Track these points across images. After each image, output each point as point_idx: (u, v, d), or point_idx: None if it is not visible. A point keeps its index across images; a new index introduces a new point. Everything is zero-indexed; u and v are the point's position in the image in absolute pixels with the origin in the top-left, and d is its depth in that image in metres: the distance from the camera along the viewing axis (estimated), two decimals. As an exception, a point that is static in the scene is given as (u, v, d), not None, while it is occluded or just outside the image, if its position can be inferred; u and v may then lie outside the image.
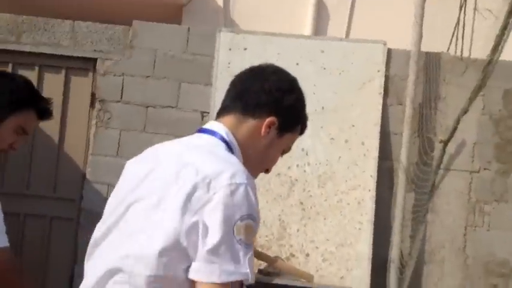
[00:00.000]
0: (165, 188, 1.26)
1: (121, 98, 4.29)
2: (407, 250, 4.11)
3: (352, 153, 4.07)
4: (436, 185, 4.15)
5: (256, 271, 3.70)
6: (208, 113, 4.19)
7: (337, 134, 4.10)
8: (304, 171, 4.05)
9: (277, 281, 3.40)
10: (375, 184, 4.00)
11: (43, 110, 1.93)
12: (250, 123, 1.39)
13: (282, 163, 4.04)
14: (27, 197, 4.23)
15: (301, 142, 4.07)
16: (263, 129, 1.39)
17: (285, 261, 3.80)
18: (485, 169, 4.16)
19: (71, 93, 4.32)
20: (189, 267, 1.22)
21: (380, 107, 4.14)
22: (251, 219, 1.21)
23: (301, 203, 4.02)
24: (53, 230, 4.24)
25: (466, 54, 4.46)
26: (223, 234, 1.18)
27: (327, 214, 3.98)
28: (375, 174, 4.02)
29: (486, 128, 4.20)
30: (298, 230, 3.99)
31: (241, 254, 1.19)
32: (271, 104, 1.40)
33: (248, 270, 1.19)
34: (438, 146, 4.15)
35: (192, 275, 1.20)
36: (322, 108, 4.12)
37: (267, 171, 1.48)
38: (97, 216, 4.65)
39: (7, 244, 1.81)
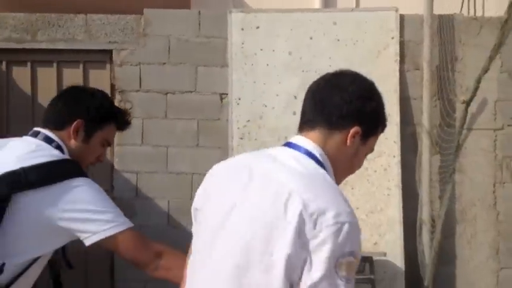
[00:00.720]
0: (273, 218, 1.28)
1: (140, 87, 4.33)
2: (438, 211, 4.14)
3: (373, 121, 4.08)
4: (461, 145, 4.16)
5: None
6: (227, 94, 4.23)
7: (357, 104, 4.11)
8: (328, 143, 4.08)
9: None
10: (400, 150, 4.02)
11: (123, 122, 2.01)
12: (336, 136, 1.42)
13: (304, 137, 4.08)
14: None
15: (322, 115, 4.10)
16: (348, 140, 1.41)
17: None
18: (508, 125, 4.16)
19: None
20: None
21: (397, 74, 4.15)
22: (353, 256, 1.25)
23: (328, 175, 4.05)
24: (88, 221, 4.32)
25: (479, 13, 4.44)
26: (326, 270, 1.22)
27: (354, 183, 4.01)
28: (398, 140, 4.04)
29: (506, 85, 4.20)
30: (326, 202, 4.02)
31: None
32: (353, 114, 1.41)
33: None
34: (460, 107, 4.15)
35: None
36: (340, 79, 4.13)
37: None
38: (128, 204, 4.72)
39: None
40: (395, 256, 3.86)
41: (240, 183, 1.38)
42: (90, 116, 1.92)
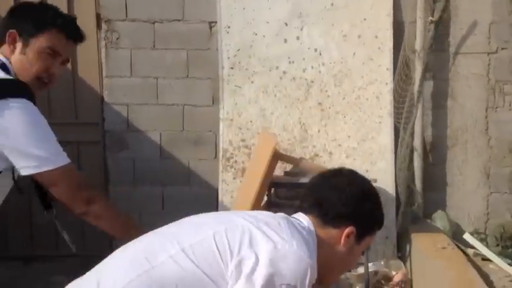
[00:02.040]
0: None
1: (126, 16, 4.20)
2: (429, 138, 4.14)
3: (366, 48, 4.01)
4: (454, 70, 4.11)
5: (283, 174, 3.78)
6: (216, 22, 4.12)
7: (349, 30, 4.02)
8: (320, 71, 4.02)
9: (304, 180, 3.47)
10: (392, 76, 3.97)
11: (67, 28, 1.92)
12: (329, 231, 1.48)
13: (296, 66, 4.01)
14: (51, 125, 4.28)
15: (313, 42, 4.01)
16: (342, 240, 1.48)
17: (310, 161, 3.86)
18: (503, 49, 4.08)
19: (76, 17, 4.24)
20: None
21: (391, -3, 4.02)
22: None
23: (320, 104, 4.02)
24: (81, 154, 4.32)
25: None
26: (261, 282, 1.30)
27: (346, 112, 3.99)
28: (391, 66, 3.98)
29: (501, 7, 4.08)
30: (319, 131, 4.02)
31: None
32: (349, 215, 1.48)
33: None
34: (454, 31, 4.07)
35: None
36: (332, 4, 4.02)
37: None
38: (120, 136, 4.71)
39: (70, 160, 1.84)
40: (387, 183, 3.90)
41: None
42: (25, 24, 1.86)
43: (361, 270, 3.61)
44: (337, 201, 1.48)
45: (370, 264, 3.61)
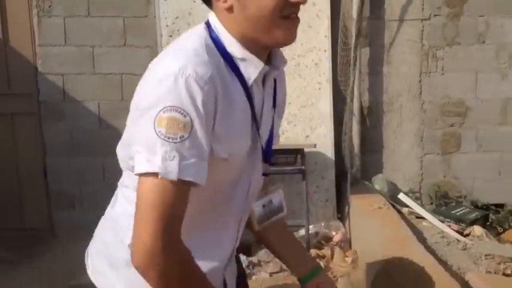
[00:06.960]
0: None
1: (59, -18, 4.06)
2: (366, 103, 4.26)
3: (304, 15, 4.00)
4: (389, 37, 4.21)
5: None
6: (154, -11, 4.03)
7: (287, -4, 4.02)
8: (259, 38, 4.02)
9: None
10: (330, 44, 4.03)
11: None
12: (216, 7, 1.22)
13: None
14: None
15: (253, 9, 4.00)
16: (218, 5, 1.20)
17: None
18: (435, 15, 4.21)
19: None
20: None
21: (327, -36, 4.04)
22: (178, 112, 1.06)
23: (260, 71, 4.03)
24: (15, 126, 4.19)
25: None
26: (142, 123, 1.09)
27: (287, 78, 4.02)
28: (329, 34, 4.03)
29: (434, -25, 4.20)
30: (259, 98, 4.04)
31: (157, 146, 1.06)
32: None
33: (160, 164, 1.06)
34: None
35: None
36: (270, -29, 4.00)
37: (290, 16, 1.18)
38: (56, 107, 4.58)
39: None
40: (326, 147, 3.99)
41: None
42: None
43: (302, 232, 3.71)
44: None
45: (310, 226, 3.72)
